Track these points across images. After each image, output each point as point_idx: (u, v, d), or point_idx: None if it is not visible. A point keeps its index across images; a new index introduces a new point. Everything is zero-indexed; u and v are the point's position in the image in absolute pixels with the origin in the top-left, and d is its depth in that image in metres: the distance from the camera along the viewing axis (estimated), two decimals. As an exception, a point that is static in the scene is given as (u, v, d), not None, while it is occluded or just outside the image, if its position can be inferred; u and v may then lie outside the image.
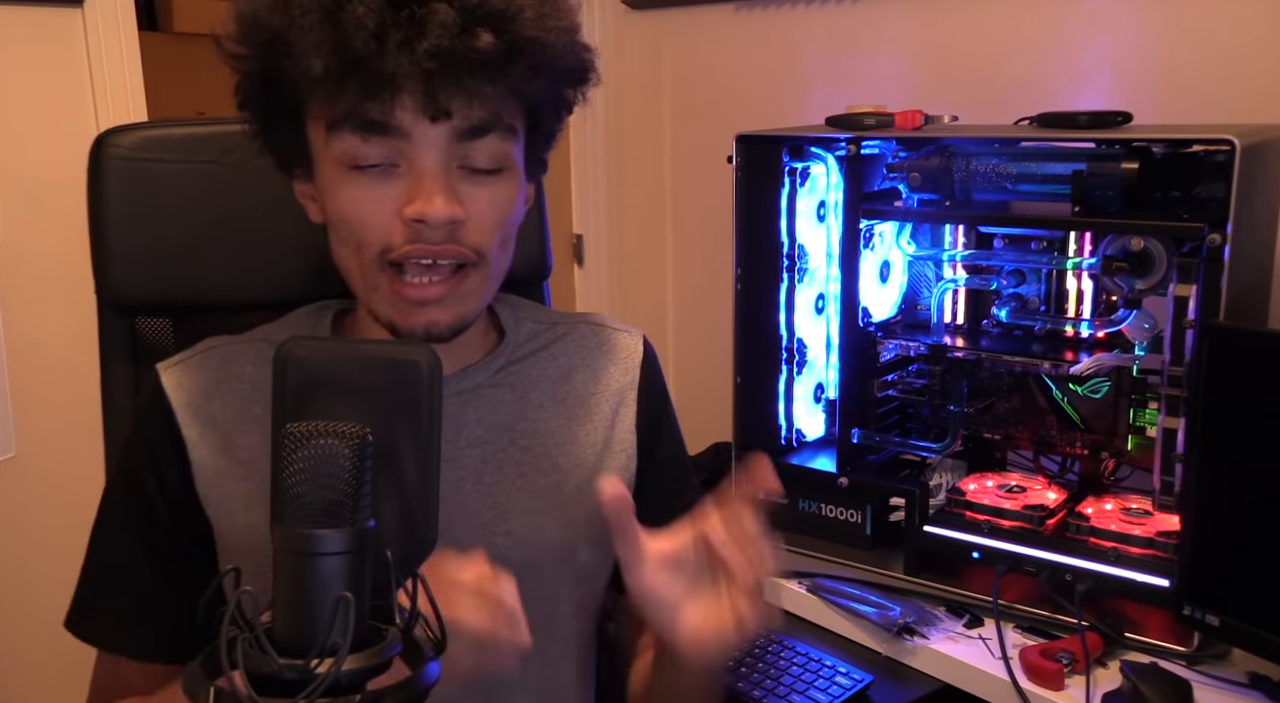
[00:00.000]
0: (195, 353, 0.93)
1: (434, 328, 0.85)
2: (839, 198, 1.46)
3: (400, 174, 0.82)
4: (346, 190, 0.82)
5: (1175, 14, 1.47)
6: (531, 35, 0.79)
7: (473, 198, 0.83)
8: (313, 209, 0.89)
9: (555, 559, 0.95)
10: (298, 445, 0.56)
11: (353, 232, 0.83)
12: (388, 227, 0.82)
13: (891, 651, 1.35)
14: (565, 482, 0.96)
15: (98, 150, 1.03)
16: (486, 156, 0.83)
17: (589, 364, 1.01)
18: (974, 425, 1.48)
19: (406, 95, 0.77)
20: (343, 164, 0.82)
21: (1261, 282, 1.34)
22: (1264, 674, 1.18)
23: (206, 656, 0.56)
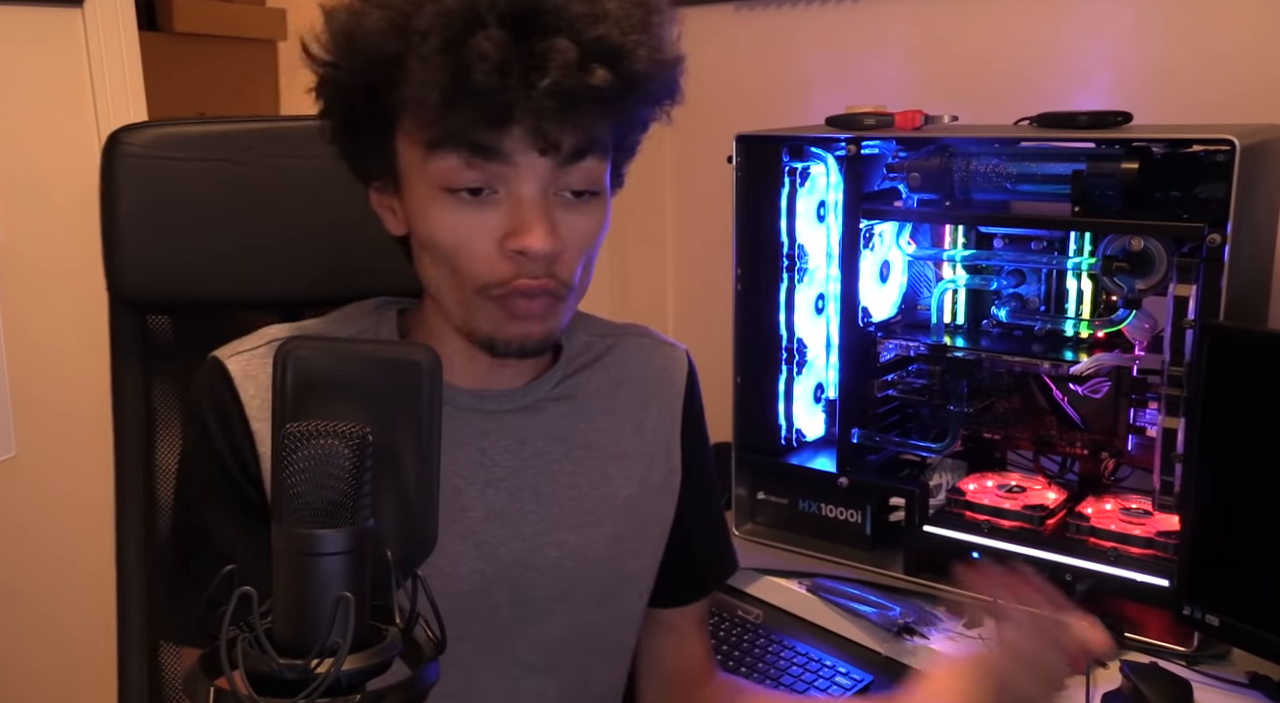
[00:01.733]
0: (260, 343, 0.90)
1: (529, 340, 0.84)
2: (839, 198, 1.46)
3: (498, 200, 0.80)
4: (444, 214, 0.80)
5: (1175, 14, 1.47)
6: (644, 70, 0.79)
7: (569, 225, 0.82)
8: (392, 221, 0.87)
9: (605, 570, 0.97)
10: (298, 445, 0.56)
11: (449, 258, 0.82)
12: (488, 258, 0.81)
13: (891, 651, 1.34)
14: (616, 493, 0.97)
15: (111, 148, 1.02)
16: (583, 181, 0.82)
17: (638, 377, 1.02)
18: (974, 425, 1.48)
19: (517, 127, 0.76)
20: (440, 185, 0.80)
21: (1261, 282, 1.34)
22: (1264, 674, 1.18)
23: (206, 656, 0.56)
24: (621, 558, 0.98)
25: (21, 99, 1.65)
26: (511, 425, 0.93)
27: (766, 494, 1.58)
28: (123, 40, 1.72)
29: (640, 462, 0.99)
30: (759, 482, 1.59)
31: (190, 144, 1.04)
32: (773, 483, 1.57)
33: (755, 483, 1.59)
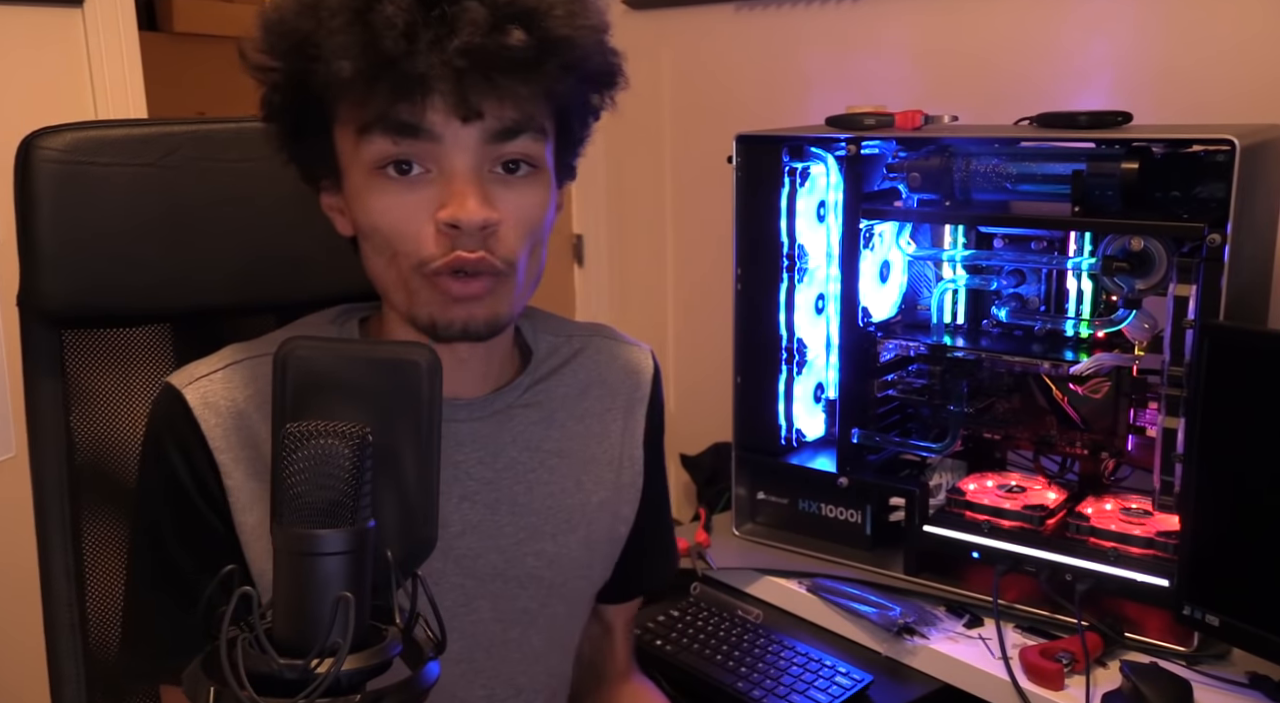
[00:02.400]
0: (218, 366, 0.87)
1: (472, 323, 0.83)
2: (839, 198, 1.46)
3: (432, 179, 0.80)
4: (378, 197, 0.80)
5: (1175, 14, 1.47)
6: (563, 33, 0.78)
7: (505, 201, 0.81)
8: (340, 221, 0.87)
9: (579, 576, 0.98)
10: (298, 445, 0.56)
11: (386, 240, 0.81)
12: (422, 235, 0.80)
13: (891, 651, 1.35)
14: (589, 500, 0.98)
15: (25, 152, 0.95)
16: (518, 157, 0.82)
17: (604, 380, 1.01)
18: (974, 425, 1.48)
19: (438, 96, 0.76)
20: (373, 169, 0.80)
21: (1261, 282, 1.34)
22: (1264, 674, 1.18)
23: (206, 656, 0.56)
24: (593, 563, 0.99)
25: (21, 99, 1.65)
26: (483, 436, 0.92)
27: (766, 494, 1.58)
28: (123, 40, 1.72)
29: (609, 467, 0.99)
30: (759, 482, 1.59)
31: (111, 148, 0.98)
32: (773, 483, 1.57)
33: (755, 483, 1.59)
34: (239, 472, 0.84)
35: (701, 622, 1.44)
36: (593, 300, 2.28)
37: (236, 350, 0.89)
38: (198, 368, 0.87)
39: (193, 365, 0.88)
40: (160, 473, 0.85)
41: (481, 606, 0.92)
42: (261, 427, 0.84)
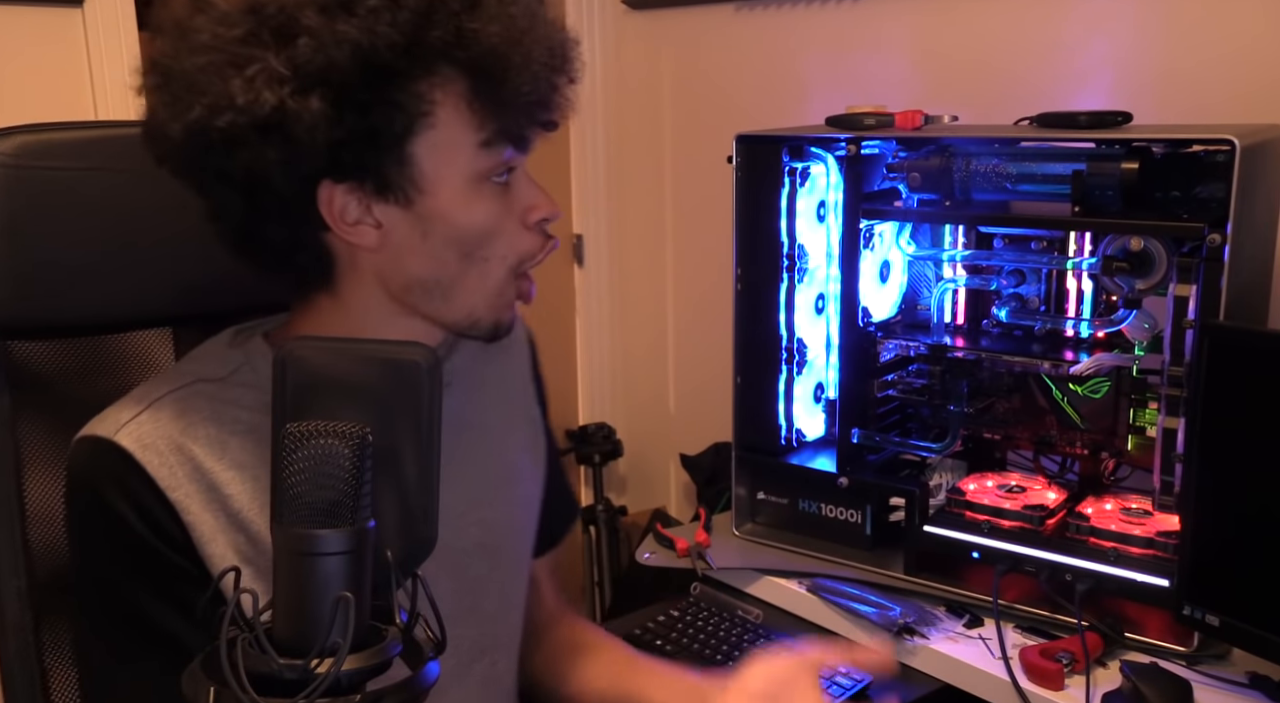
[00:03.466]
0: (141, 408, 0.85)
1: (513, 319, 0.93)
2: (839, 198, 1.46)
3: (512, 182, 0.87)
4: (485, 204, 0.85)
5: (1175, 14, 1.47)
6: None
7: None
8: (369, 234, 0.84)
9: (518, 535, 1.05)
10: (298, 445, 0.56)
11: (487, 245, 0.86)
12: (517, 235, 0.87)
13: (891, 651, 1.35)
14: (513, 462, 1.04)
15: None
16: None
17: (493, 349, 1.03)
18: (974, 425, 1.48)
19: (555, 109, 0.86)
20: (483, 179, 0.84)
21: (1261, 282, 1.34)
22: (1264, 674, 1.18)
23: (206, 656, 0.56)
24: (528, 520, 1.06)
25: (21, 99, 1.65)
26: None
27: (766, 494, 1.58)
28: (123, 40, 1.72)
29: (518, 428, 1.06)
30: (759, 482, 1.59)
31: (59, 152, 0.94)
32: (773, 483, 1.57)
33: (755, 483, 1.59)
34: (194, 506, 0.83)
35: (701, 622, 1.44)
36: (593, 300, 2.28)
37: (151, 389, 0.87)
38: (119, 414, 0.84)
39: (110, 413, 0.85)
40: (106, 528, 0.83)
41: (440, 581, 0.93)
42: (203, 458, 0.84)
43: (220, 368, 0.89)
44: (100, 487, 0.83)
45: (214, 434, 0.85)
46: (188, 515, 0.83)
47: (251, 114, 0.76)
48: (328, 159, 0.79)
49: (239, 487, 0.85)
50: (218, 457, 0.84)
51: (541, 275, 0.92)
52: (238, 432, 0.86)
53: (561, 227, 2.27)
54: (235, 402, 0.87)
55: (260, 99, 0.75)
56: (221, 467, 0.84)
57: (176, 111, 0.78)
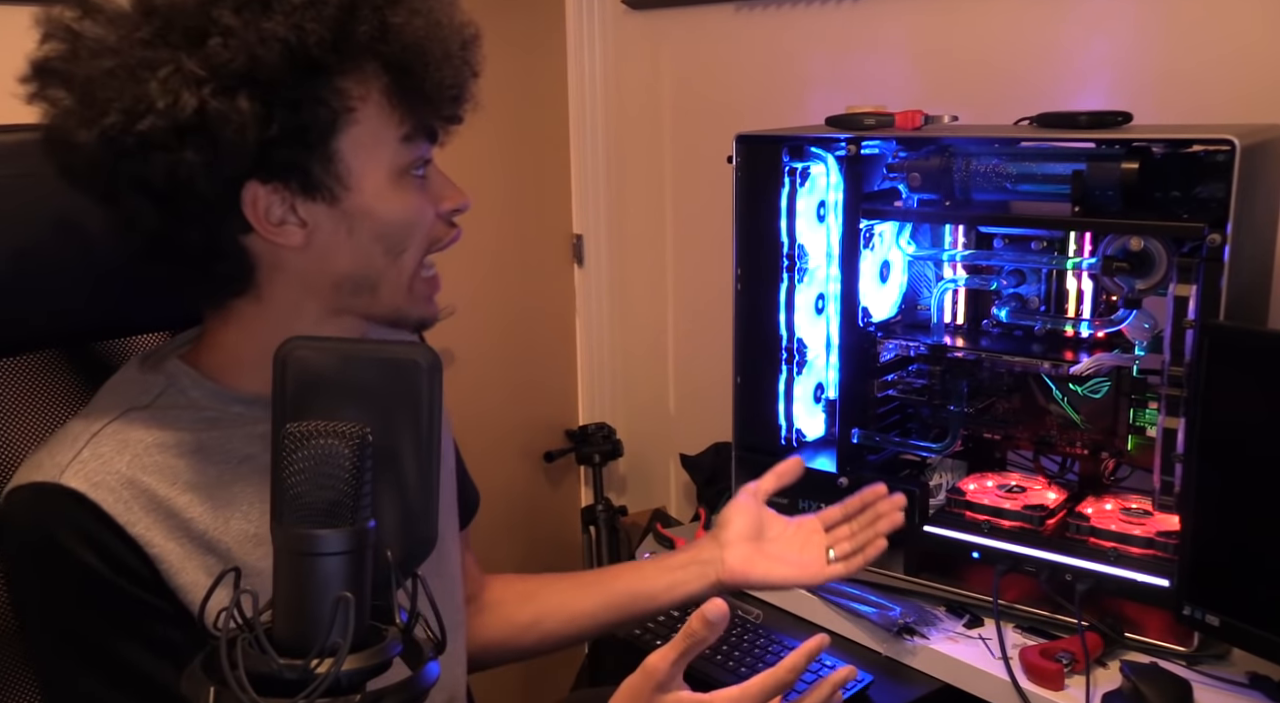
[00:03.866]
0: (80, 447, 0.81)
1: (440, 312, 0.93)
2: (839, 198, 1.46)
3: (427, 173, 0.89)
4: (406, 196, 0.86)
5: (1175, 14, 1.47)
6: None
7: None
8: (294, 233, 0.82)
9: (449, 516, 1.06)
10: (298, 445, 0.56)
11: (407, 236, 0.87)
12: (433, 224, 0.89)
13: (891, 651, 1.35)
14: None
15: None
16: None
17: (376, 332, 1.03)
18: (974, 425, 1.48)
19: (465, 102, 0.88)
20: (405, 172, 0.86)
21: (1261, 282, 1.34)
22: (1264, 674, 1.18)
23: (206, 656, 0.56)
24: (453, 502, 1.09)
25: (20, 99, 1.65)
26: None
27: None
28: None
29: None
30: (759, 482, 1.58)
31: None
32: (773, 483, 1.57)
33: (755, 483, 1.59)
34: (157, 537, 0.80)
35: (701, 622, 1.44)
36: (593, 300, 2.28)
37: (84, 425, 0.84)
38: (58, 456, 0.81)
39: (44, 458, 0.82)
40: (67, 576, 0.79)
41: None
42: (157, 487, 0.81)
43: (144, 395, 0.86)
44: (55, 534, 0.78)
45: (161, 461, 0.83)
46: (152, 549, 0.80)
47: (172, 117, 0.73)
48: (255, 160, 0.77)
49: (198, 508, 0.83)
50: (170, 482, 0.82)
51: (541, 275, 0.93)
52: (184, 454, 0.84)
53: (561, 226, 2.27)
54: (172, 425, 0.84)
55: (181, 101, 0.73)
56: (176, 492, 0.82)
57: (86, 118, 0.75)
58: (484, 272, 2.08)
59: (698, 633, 0.80)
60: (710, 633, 0.80)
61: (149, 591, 0.80)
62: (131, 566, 0.79)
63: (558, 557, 2.31)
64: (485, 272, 2.08)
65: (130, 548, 0.79)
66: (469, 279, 1.99)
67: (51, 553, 0.79)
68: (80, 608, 0.80)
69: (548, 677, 2.26)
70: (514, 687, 2.23)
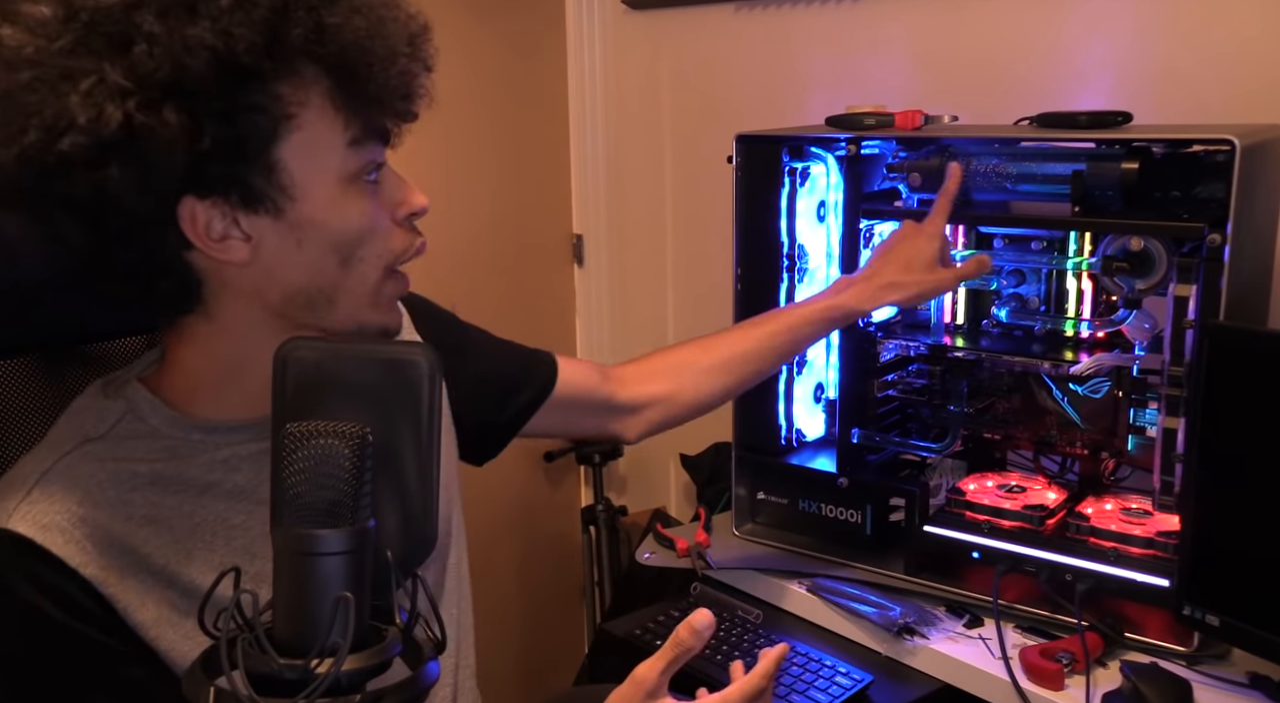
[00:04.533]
0: (29, 487, 0.79)
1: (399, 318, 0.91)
2: (839, 198, 1.46)
3: (381, 178, 0.83)
4: (357, 203, 0.80)
5: (1175, 14, 1.47)
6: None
7: None
8: (238, 248, 0.78)
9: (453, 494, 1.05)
10: (298, 445, 0.56)
11: (361, 245, 0.81)
12: (390, 233, 0.83)
13: (891, 651, 1.35)
14: None
15: None
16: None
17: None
18: (974, 425, 1.48)
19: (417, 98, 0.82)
20: (355, 178, 0.80)
21: (1261, 282, 1.34)
22: (1264, 674, 1.18)
23: (206, 656, 0.56)
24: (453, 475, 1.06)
25: None
26: None
27: (766, 494, 1.58)
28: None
29: None
30: (759, 482, 1.59)
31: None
32: (773, 483, 1.57)
33: (755, 483, 1.59)
34: (112, 577, 0.78)
35: (701, 622, 1.44)
36: (593, 300, 2.28)
37: (33, 464, 0.81)
38: (7, 501, 0.78)
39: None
40: (16, 620, 0.77)
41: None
42: (111, 522, 0.79)
43: (101, 424, 0.83)
44: (6, 580, 0.76)
45: (114, 496, 0.80)
46: (107, 589, 0.78)
47: (96, 133, 0.69)
48: (188, 174, 0.73)
49: (156, 542, 0.80)
50: (126, 517, 0.80)
51: (541, 275, 0.91)
52: (139, 486, 0.81)
53: (561, 226, 2.27)
54: (128, 457, 0.82)
55: (104, 115, 0.68)
56: (132, 526, 0.80)
57: (3, 137, 0.70)
58: (484, 272, 2.07)
59: (685, 642, 0.82)
60: (697, 642, 0.82)
61: (106, 633, 0.78)
62: (87, 608, 0.77)
63: (558, 557, 2.31)
64: (485, 272, 2.08)
65: (84, 591, 0.77)
66: (469, 279, 1.99)
67: (4, 600, 0.77)
68: (37, 658, 0.78)
69: (548, 676, 2.27)
70: (514, 685, 2.23)
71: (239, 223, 0.77)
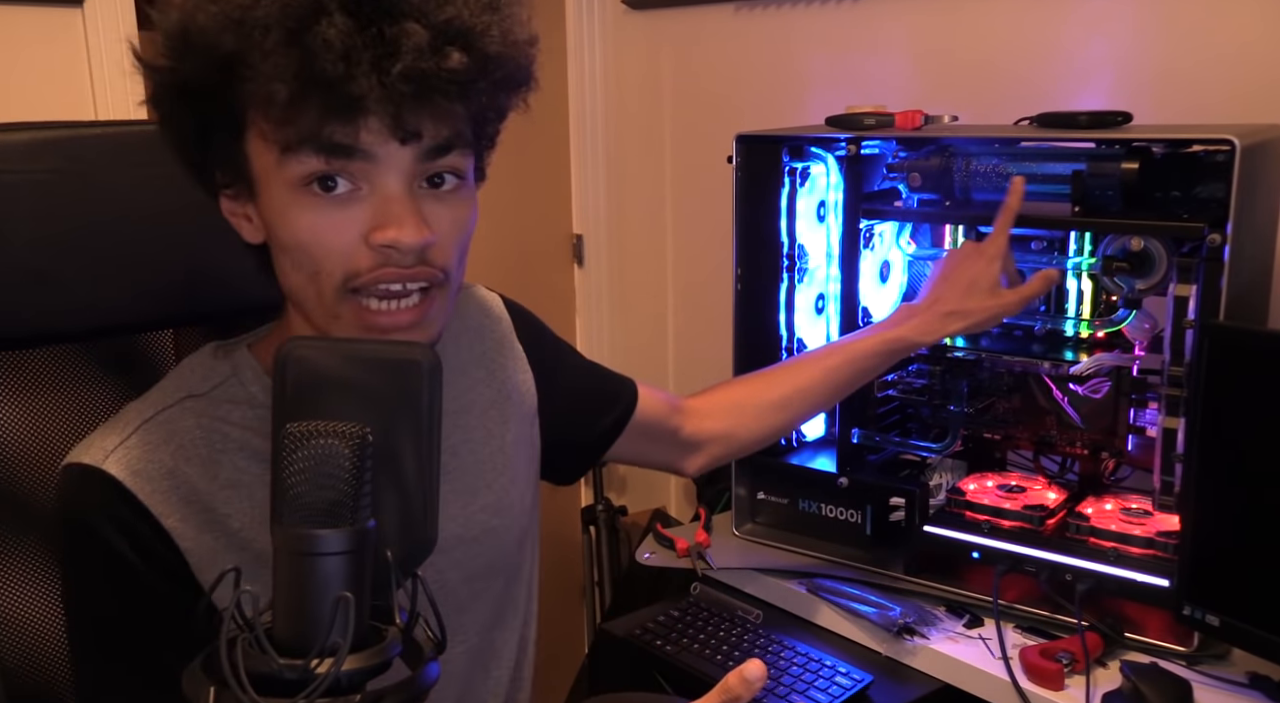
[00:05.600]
0: (129, 432, 0.82)
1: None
2: (839, 198, 1.46)
3: (361, 196, 0.77)
4: (305, 215, 0.77)
5: (1174, 14, 1.47)
6: (497, 52, 0.76)
7: (438, 217, 0.79)
8: (248, 229, 0.82)
9: (520, 511, 1.02)
10: (298, 445, 0.56)
11: (312, 258, 0.78)
12: (351, 253, 0.77)
13: (891, 651, 1.35)
14: (503, 440, 1.01)
15: None
16: (448, 173, 0.80)
17: (467, 327, 1.03)
18: (974, 425, 1.48)
19: (374, 118, 0.73)
20: (299, 186, 0.76)
21: (1261, 282, 1.34)
22: (1264, 674, 1.18)
23: (207, 656, 0.56)
24: (525, 493, 1.04)
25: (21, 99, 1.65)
26: None
27: (766, 494, 1.58)
28: (123, 40, 1.72)
29: (505, 401, 1.02)
30: (759, 482, 1.59)
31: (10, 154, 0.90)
32: (773, 483, 1.57)
33: (755, 483, 1.59)
34: (189, 531, 0.80)
35: (701, 622, 1.44)
36: (593, 300, 2.28)
37: (138, 410, 0.84)
38: (105, 440, 0.81)
39: (98, 438, 0.82)
40: (99, 559, 0.80)
41: (451, 576, 0.95)
42: (198, 479, 0.82)
43: (205, 383, 0.86)
44: (91, 519, 0.79)
45: (205, 455, 0.82)
46: (184, 541, 0.80)
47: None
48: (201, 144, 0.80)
49: (236, 505, 0.82)
50: (211, 477, 0.82)
51: (541, 275, 0.90)
52: (229, 450, 0.83)
53: (561, 226, 2.27)
54: (224, 419, 0.84)
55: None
56: (216, 487, 0.82)
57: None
58: (484, 272, 2.06)
59: (734, 690, 0.78)
60: (747, 693, 0.78)
61: (175, 582, 0.80)
62: (162, 557, 0.80)
63: (558, 557, 2.31)
64: (485, 272, 2.06)
65: (162, 540, 0.80)
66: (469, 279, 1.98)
67: (87, 538, 0.80)
68: (110, 596, 0.81)
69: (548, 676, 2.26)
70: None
71: (237, 200, 0.81)
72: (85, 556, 0.81)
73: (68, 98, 1.70)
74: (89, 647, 0.83)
